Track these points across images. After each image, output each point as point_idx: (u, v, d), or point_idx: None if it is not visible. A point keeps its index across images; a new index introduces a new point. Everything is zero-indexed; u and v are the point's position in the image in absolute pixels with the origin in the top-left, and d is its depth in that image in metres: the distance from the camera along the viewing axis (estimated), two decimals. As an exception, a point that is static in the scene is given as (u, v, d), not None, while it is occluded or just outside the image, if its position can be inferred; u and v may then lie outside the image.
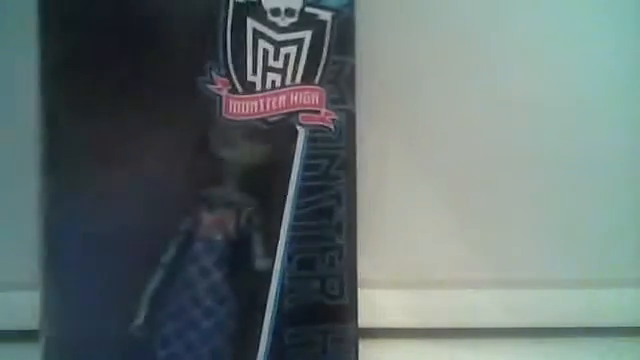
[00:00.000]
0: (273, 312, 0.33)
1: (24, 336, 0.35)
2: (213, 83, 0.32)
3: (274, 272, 0.33)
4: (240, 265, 0.33)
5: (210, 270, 0.33)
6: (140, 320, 0.32)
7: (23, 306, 0.34)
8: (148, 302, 0.32)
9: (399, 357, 0.39)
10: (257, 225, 0.33)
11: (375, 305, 0.40)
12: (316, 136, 0.34)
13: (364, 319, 0.35)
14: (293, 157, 0.33)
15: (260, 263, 0.33)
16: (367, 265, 0.36)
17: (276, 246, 0.33)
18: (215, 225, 0.33)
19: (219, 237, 0.33)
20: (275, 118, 0.33)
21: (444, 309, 0.41)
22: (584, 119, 0.41)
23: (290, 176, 0.33)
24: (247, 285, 0.33)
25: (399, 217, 0.41)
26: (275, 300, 0.33)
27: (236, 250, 0.33)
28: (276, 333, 0.33)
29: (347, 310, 0.34)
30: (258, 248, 0.34)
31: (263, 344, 0.33)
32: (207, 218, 0.33)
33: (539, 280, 0.41)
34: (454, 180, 0.41)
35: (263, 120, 0.33)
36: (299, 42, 0.33)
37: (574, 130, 0.41)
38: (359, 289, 0.35)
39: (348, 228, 0.34)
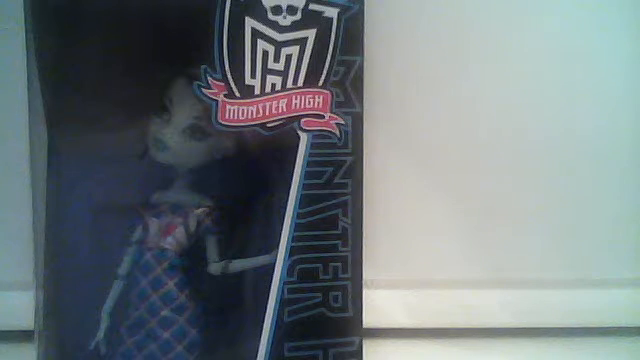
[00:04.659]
0: (271, 325, 0.30)
1: (23, 336, 0.34)
2: (208, 87, 0.29)
3: (273, 283, 0.30)
4: (195, 271, 0.31)
5: (162, 280, 0.31)
6: (100, 335, 0.31)
7: (22, 306, 0.32)
8: (107, 317, 0.31)
9: (399, 357, 0.38)
10: (211, 228, 0.31)
11: (375, 305, 0.38)
12: (320, 142, 0.31)
13: (364, 319, 0.33)
14: (294, 164, 0.30)
15: (214, 267, 0.31)
16: (367, 265, 0.33)
17: (276, 256, 0.31)
18: (163, 232, 0.31)
19: (168, 244, 0.31)
20: (275, 123, 0.30)
21: (444, 309, 0.40)
22: (585, 121, 0.39)
23: (291, 184, 0.30)
24: (208, 291, 0.31)
25: (400, 218, 0.39)
26: (274, 312, 0.30)
27: (189, 256, 0.31)
28: (274, 347, 0.30)
29: (351, 323, 0.32)
30: (212, 252, 0.31)
31: (261, 358, 0.30)
32: (154, 225, 0.31)
33: (539, 280, 0.40)
34: (455, 180, 0.39)
35: (262, 126, 0.30)
36: (302, 42, 0.30)
37: (574, 133, 0.39)
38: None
39: (353, 238, 0.32)
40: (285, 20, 0.29)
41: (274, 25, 0.29)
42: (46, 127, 0.30)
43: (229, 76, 0.29)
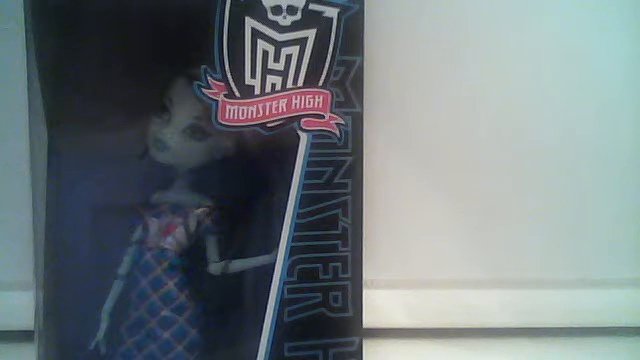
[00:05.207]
0: (271, 325, 0.30)
1: (23, 336, 0.34)
2: (208, 87, 0.29)
3: (273, 283, 0.30)
4: (195, 271, 0.31)
5: (162, 280, 0.31)
6: (100, 335, 0.31)
7: (22, 306, 0.32)
8: (107, 317, 0.31)
9: (399, 357, 0.38)
10: (211, 228, 0.31)
11: (375, 305, 0.38)
12: (320, 142, 0.30)
13: (364, 319, 0.32)
14: (294, 164, 0.30)
15: (214, 267, 0.31)
16: (367, 265, 0.33)
17: (276, 257, 0.30)
18: (163, 232, 0.31)
19: (168, 244, 0.31)
20: (275, 123, 0.30)
21: (444, 309, 0.39)
22: (585, 121, 0.39)
23: (291, 184, 0.30)
24: (208, 291, 0.31)
25: (400, 218, 0.39)
26: (274, 312, 0.30)
27: (189, 256, 0.31)
28: (274, 347, 0.30)
29: (351, 323, 0.32)
30: (212, 252, 0.31)
31: (261, 358, 0.30)
32: (154, 225, 0.31)
33: (539, 280, 0.40)
34: (455, 180, 0.39)
35: (262, 126, 0.30)
36: (302, 42, 0.30)
37: (574, 133, 0.39)
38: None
39: (353, 238, 0.31)
40: (285, 20, 0.29)
41: (274, 25, 0.29)
42: (46, 127, 0.30)
43: (229, 76, 0.29)
